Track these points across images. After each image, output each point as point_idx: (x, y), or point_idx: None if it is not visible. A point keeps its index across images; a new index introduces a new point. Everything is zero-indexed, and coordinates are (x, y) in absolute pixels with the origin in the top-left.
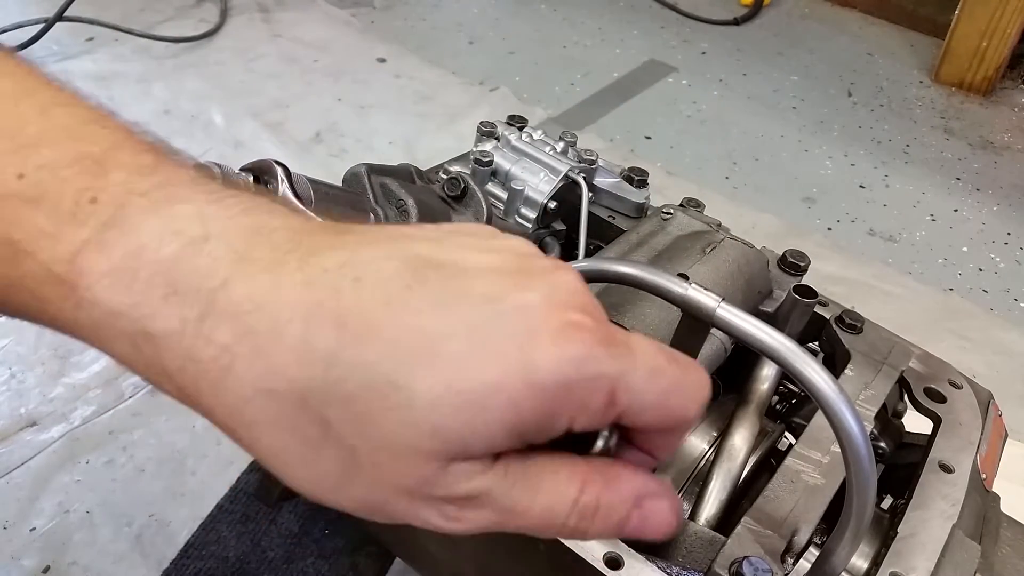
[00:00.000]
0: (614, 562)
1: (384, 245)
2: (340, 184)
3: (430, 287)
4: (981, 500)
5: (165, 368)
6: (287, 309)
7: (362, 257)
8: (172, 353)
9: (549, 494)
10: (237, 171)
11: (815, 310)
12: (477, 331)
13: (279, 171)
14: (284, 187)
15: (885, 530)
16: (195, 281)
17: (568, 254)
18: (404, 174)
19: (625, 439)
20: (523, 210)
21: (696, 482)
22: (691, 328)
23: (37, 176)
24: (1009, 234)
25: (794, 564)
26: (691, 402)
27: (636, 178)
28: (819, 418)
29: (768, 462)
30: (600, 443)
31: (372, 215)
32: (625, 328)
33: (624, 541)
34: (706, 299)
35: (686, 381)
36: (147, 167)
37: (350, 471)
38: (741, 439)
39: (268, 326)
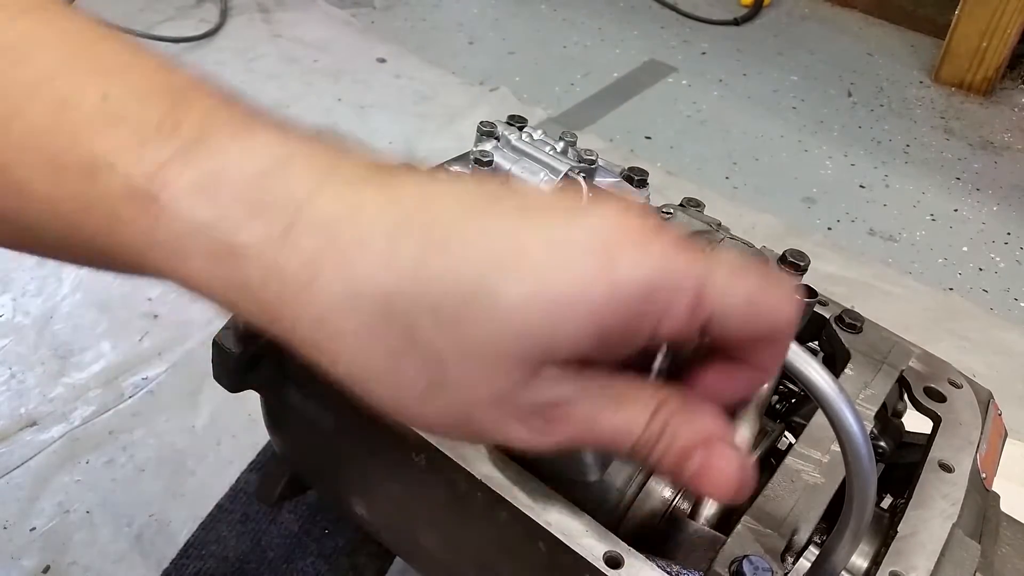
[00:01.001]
0: (614, 561)
1: (455, 179)
2: None
3: (510, 203)
4: (981, 499)
5: (247, 282)
6: (373, 220)
7: (439, 184)
8: (256, 265)
9: (628, 410)
10: None
11: (815, 310)
12: (559, 237)
13: None
14: None
15: (885, 529)
16: (281, 195)
17: None
18: None
19: (730, 357)
20: None
21: None
22: None
23: (122, 98)
24: (1009, 234)
25: (794, 563)
26: (782, 302)
27: (636, 178)
28: (819, 417)
29: (768, 461)
30: (659, 359)
31: None
32: None
33: (635, 544)
34: None
35: (772, 282)
36: (226, 103)
37: (436, 382)
38: (741, 438)
39: (354, 235)
